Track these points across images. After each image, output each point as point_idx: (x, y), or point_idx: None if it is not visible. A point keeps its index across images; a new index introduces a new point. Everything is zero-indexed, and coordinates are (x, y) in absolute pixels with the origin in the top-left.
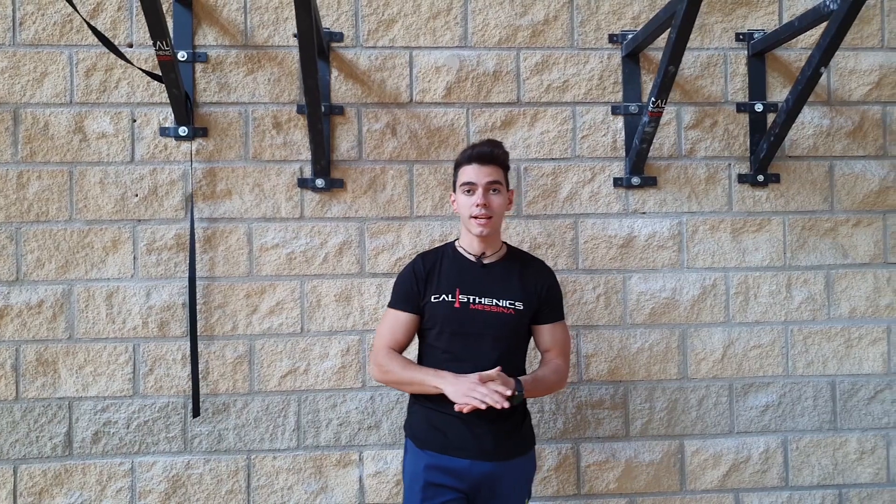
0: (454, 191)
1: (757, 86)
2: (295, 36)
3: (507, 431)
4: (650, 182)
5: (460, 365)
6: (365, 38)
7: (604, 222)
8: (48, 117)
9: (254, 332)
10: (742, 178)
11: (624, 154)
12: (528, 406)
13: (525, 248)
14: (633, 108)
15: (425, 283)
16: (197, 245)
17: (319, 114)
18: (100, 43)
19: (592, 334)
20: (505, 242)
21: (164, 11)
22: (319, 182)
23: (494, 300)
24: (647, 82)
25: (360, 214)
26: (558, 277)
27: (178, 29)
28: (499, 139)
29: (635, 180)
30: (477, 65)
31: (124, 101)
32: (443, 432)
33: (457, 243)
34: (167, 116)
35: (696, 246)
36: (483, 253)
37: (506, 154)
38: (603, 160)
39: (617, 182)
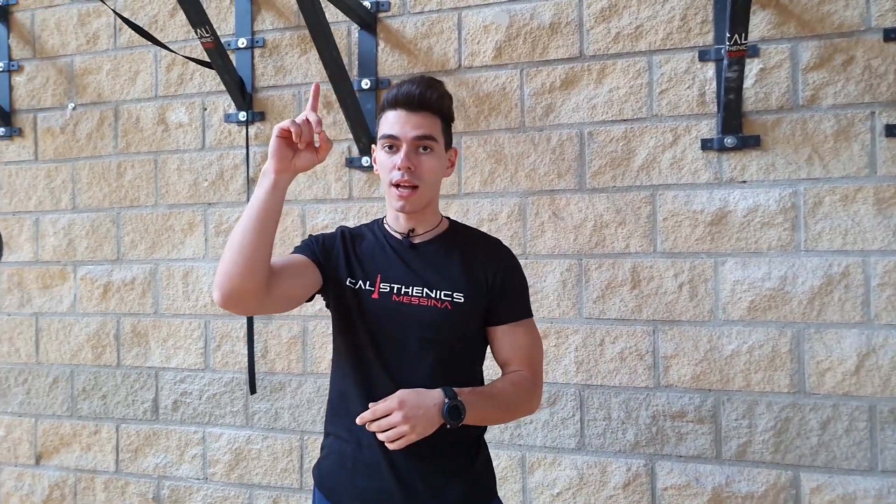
0: (375, 143)
1: None
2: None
3: (450, 472)
4: (752, 142)
5: (386, 377)
6: (412, 4)
7: (689, 195)
8: (139, 111)
9: (307, 313)
10: (891, 131)
11: (716, 110)
12: (585, 411)
13: (589, 227)
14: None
15: (331, 257)
16: None
17: (349, 88)
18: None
19: (673, 331)
20: (447, 217)
21: (230, 2)
22: (365, 161)
23: (425, 290)
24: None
25: None
26: (630, 262)
27: (240, 17)
28: (559, 101)
29: (730, 141)
30: (531, 18)
31: (196, 91)
32: (355, 478)
33: (384, 219)
34: (231, 104)
35: (818, 222)
36: (412, 230)
37: (446, 98)
38: (688, 118)
39: (706, 144)
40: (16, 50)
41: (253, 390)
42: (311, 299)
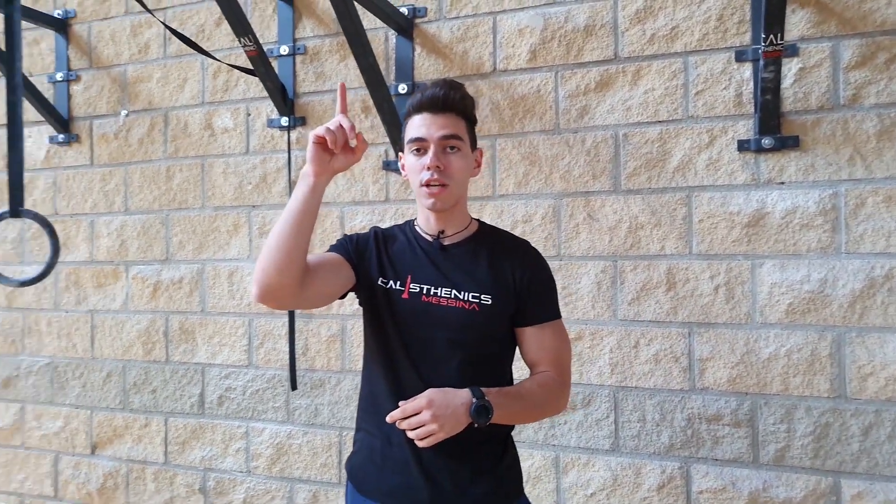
0: (402, 150)
1: None
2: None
3: (477, 470)
4: (790, 143)
5: (415, 376)
6: (448, 9)
7: (725, 196)
8: (187, 117)
9: (345, 312)
10: None
11: (753, 110)
12: (611, 413)
13: (624, 229)
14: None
15: (364, 257)
16: None
17: (386, 93)
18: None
19: (709, 333)
20: (477, 219)
21: (272, 11)
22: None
23: (454, 291)
24: (789, 15)
25: None
26: (665, 264)
27: (282, 25)
28: (594, 103)
29: (767, 142)
30: (565, 21)
31: (241, 97)
32: (385, 473)
33: (415, 221)
34: (273, 109)
35: (860, 224)
36: (442, 231)
37: (468, 100)
38: (724, 119)
39: (743, 145)
40: (74, 60)
41: (294, 387)
42: (344, 296)
